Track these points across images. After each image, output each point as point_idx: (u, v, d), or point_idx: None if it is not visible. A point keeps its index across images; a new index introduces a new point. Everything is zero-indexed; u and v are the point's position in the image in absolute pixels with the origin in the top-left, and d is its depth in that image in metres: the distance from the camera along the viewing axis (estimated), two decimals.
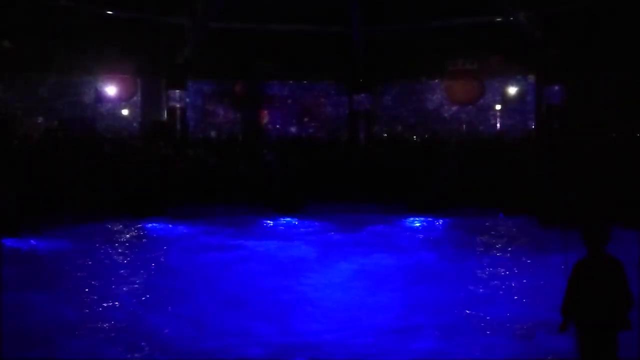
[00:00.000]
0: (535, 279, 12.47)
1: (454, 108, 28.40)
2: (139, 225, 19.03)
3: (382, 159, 22.85)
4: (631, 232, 12.98)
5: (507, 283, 12.53)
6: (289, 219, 20.44)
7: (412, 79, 28.45)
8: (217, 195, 20.57)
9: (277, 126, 28.93)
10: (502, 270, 13.52)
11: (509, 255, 15.39)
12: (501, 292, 11.78)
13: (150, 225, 19.13)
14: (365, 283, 12.55)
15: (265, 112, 28.90)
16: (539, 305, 10.10)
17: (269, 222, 20.04)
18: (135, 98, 26.83)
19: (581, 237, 6.00)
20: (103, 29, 23.36)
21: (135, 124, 26.86)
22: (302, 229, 19.27)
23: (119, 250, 16.02)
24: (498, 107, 27.97)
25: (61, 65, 23.89)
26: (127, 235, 18.04)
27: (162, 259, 15.15)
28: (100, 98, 26.04)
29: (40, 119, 24.61)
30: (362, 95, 28.24)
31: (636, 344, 6.91)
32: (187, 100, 27.33)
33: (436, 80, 28.41)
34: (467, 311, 10.35)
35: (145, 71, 26.32)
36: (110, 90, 25.91)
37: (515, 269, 13.69)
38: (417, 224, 19.93)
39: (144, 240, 17.67)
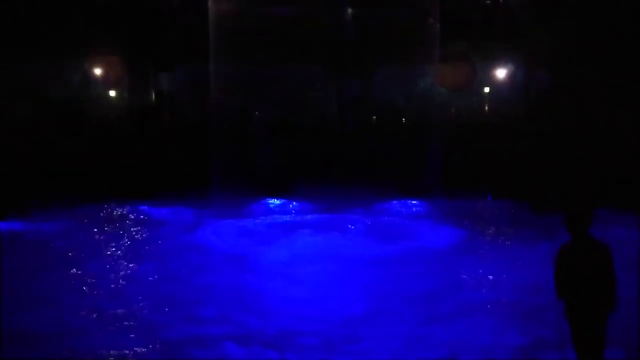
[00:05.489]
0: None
1: (444, 92, 28.33)
2: (125, 208, 19.03)
3: (372, 143, 22.87)
4: (620, 215, 13.27)
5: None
6: (278, 200, 20.55)
7: (402, 63, 28.30)
8: (207, 177, 20.52)
9: (267, 109, 28.78)
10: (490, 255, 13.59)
11: (493, 238, 15.50)
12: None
13: (137, 207, 19.12)
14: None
15: (256, 95, 28.72)
16: None
17: (257, 203, 20.09)
18: (123, 81, 26.58)
19: (564, 221, 6.07)
20: (90, 10, 23.12)
21: (123, 107, 26.64)
22: (288, 210, 19.69)
23: (100, 232, 16.20)
24: (487, 90, 27.98)
25: (48, 46, 23.61)
26: (112, 218, 18.12)
27: (145, 241, 15.20)
28: (88, 80, 25.80)
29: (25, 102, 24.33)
30: (352, 78, 28.15)
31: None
32: (178, 80, 27.13)
33: (426, 65, 28.28)
34: None
35: (134, 53, 26.07)
36: (98, 72, 25.68)
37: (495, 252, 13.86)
38: (402, 207, 20.02)
39: (126, 222, 17.68)
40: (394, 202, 20.31)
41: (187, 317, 9.55)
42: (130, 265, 12.79)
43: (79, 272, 12.23)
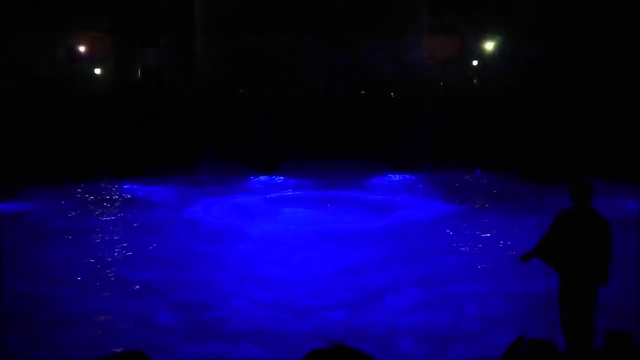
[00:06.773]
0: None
1: (433, 64, 28.24)
2: (115, 186, 18.94)
3: (361, 117, 22.82)
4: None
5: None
6: (266, 177, 20.53)
7: (392, 36, 28.11)
8: (196, 154, 20.39)
9: (255, 84, 28.54)
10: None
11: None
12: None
13: (126, 185, 19.03)
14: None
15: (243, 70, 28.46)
16: None
17: (244, 180, 20.05)
18: (109, 56, 26.23)
19: (569, 192, 6.13)
20: None
21: (109, 84, 26.33)
22: (274, 187, 19.64)
23: (89, 211, 16.12)
24: (475, 62, 27.94)
25: (32, 21, 23.21)
26: (101, 196, 18.01)
27: (135, 217, 15.20)
28: (73, 57, 25.43)
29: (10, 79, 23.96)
30: (342, 51, 27.96)
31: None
32: (164, 56, 26.80)
33: (416, 37, 28.12)
34: None
35: (120, 28, 25.70)
36: (83, 48, 25.31)
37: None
38: (389, 181, 20.07)
39: (116, 200, 17.61)
40: (384, 176, 20.30)
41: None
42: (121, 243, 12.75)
43: (78, 248, 12.28)
